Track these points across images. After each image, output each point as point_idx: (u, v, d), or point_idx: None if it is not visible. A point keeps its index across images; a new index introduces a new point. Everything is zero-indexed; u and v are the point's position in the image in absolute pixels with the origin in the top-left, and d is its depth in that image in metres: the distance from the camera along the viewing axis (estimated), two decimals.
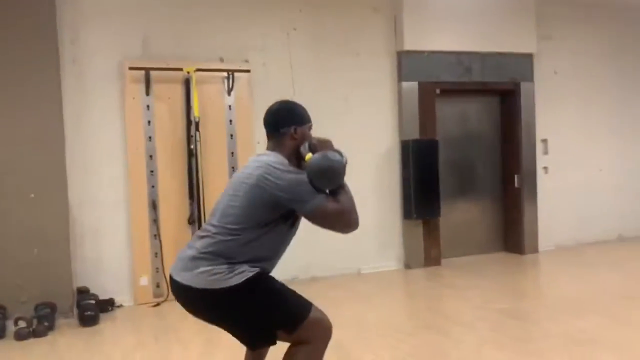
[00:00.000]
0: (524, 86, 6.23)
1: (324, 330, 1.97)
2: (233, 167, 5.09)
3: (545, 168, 6.48)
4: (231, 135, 5.10)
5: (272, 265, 2.10)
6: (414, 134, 5.69)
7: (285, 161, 2.04)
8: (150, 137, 4.83)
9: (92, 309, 4.27)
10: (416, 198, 5.58)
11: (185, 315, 2.16)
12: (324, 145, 2.10)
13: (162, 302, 4.79)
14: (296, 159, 2.11)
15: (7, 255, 4.20)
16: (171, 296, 4.71)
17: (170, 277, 2.08)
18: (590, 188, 6.70)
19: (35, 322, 4.00)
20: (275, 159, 2.03)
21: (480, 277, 5.45)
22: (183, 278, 1.99)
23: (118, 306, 4.70)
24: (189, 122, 4.92)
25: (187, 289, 1.98)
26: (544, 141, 6.46)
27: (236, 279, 1.91)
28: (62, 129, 4.46)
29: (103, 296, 4.56)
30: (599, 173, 6.77)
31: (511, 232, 6.45)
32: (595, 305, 4.17)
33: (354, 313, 4.20)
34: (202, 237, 2.04)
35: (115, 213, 4.78)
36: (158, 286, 4.86)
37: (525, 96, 6.25)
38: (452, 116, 6.22)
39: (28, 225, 4.26)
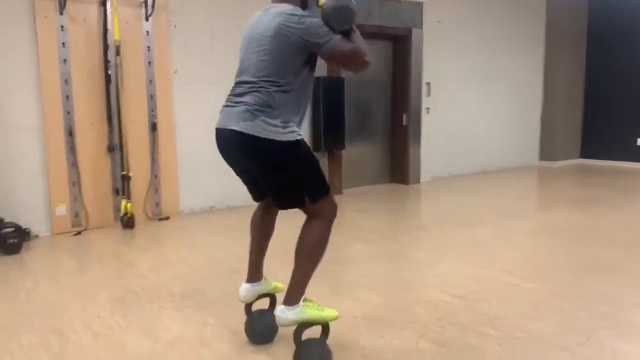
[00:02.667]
0: (414, 32, 6.85)
1: (334, 207, 2.29)
2: (152, 96, 5.02)
3: (428, 109, 7.27)
4: (149, 63, 5.00)
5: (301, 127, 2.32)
6: (322, 71, 6.03)
7: (299, 8, 2.24)
8: (65, 60, 4.56)
9: (14, 237, 4.09)
10: (325, 132, 5.99)
11: (112, 239, 2.22)
12: None
13: (83, 231, 4.69)
14: (302, 7, 2.29)
15: None
16: (91, 225, 4.70)
17: (222, 129, 2.23)
18: (461, 128, 7.66)
19: None
20: (289, 7, 2.23)
21: (380, 202, 6.11)
22: (243, 127, 2.13)
23: (35, 236, 4.52)
24: (105, 46, 4.72)
25: (245, 137, 2.13)
26: (428, 84, 7.20)
27: (289, 136, 2.16)
28: None
29: None
30: (469, 115, 7.76)
31: (398, 165, 7.19)
32: (482, 220, 4.99)
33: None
34: (245, 93, 2.20)
35: (28, 140, 4.49)
36: (77, 215, 4.73)
37: (415, 42, 6.88)
38: None
39: None
